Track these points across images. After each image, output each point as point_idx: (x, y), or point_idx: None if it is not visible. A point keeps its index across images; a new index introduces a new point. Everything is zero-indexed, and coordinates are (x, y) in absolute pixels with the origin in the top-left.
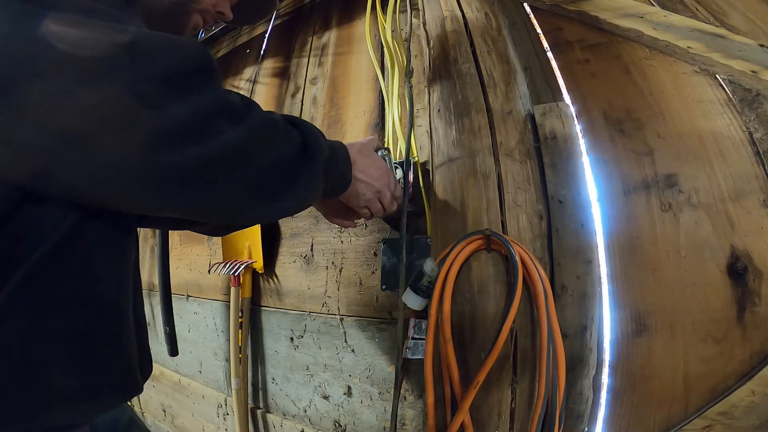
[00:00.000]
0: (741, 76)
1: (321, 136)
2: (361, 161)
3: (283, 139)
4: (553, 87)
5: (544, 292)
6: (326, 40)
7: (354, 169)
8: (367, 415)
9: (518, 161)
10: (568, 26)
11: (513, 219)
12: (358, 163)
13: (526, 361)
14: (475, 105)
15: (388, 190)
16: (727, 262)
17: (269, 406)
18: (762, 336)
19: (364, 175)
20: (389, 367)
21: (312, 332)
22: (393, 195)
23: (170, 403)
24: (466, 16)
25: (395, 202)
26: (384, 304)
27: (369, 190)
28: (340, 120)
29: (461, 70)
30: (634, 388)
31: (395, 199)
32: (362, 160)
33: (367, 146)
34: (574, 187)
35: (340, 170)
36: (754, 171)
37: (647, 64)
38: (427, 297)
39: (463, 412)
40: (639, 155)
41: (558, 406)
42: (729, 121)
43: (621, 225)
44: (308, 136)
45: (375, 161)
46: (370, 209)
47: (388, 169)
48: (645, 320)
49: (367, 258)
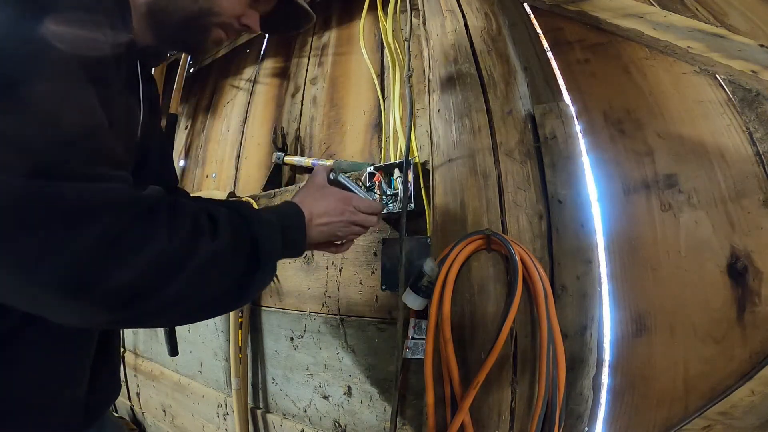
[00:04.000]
0: (741, 76)
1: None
2: (318, 206)
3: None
4: (553, 87)
5: (544, 292)
6: (326, 40)
7: (313, 220)
8: (367, 415)
9: (518, 161)
10: (568, 26)
11: (513, 219)
12: (315, 209)
13: (526, 361)
14: (475, 105)
15: (357, 213)
16: (727, 262)
17: (269, 406)
18: (762, 336)
19: (325, 217)
20: (389, 367)
21: (312, 332)
22: (365, 212)
23: (170, 403)
24: (466, 16)
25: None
26: (384, 304)
27: (337, 227)
28: (340, 120)
29: (461, 70)
30: (634, 388)
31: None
32: (318, 204)
33: (317, 184)
34: (574, 187)
35: (295, 246)
36: (754, 171)
37: (647, 64)
38: (427, 297)
39: (463, 412)
40: (639, 155)
41: (558, 406)
42: (729, 121)
43: (621, 225)
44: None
45: (330, 196)
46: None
47: (346, 194)
48: (645, 320)
49: (367, 258)
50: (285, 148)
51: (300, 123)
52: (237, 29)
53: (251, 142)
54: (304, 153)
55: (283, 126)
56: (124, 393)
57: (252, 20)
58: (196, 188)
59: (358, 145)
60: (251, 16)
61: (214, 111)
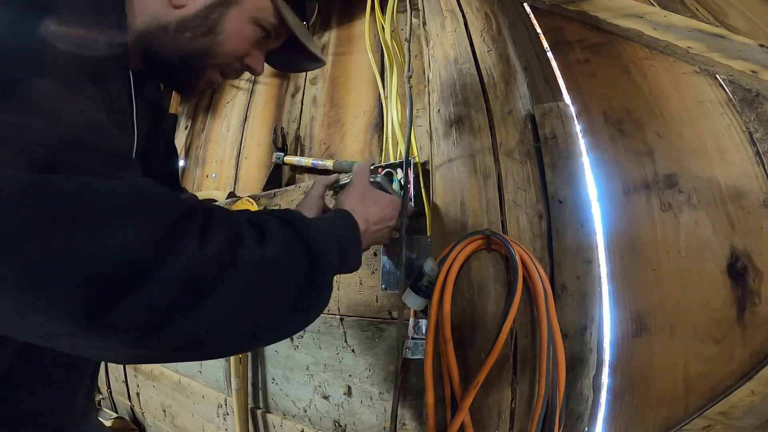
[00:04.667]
0: (741, 76)
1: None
2: (371, 213)
3: (284, 278)
4: (553, 87)
5: (544, 292)
6: (326, 40)
7: (369, 227)
8: (367, 415)
9: (518, 161)
10: (568, 26)
11: (513, 219)
12: (370, 217)
13: (526, 361)
14: (475, 105)
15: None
16: (727, 262)
17: (269, 406)
18: (762, 336)
19: (378, 225)
20: (389, 367)
21: (312, 332)
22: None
23: (170, 403)
24: (466, 16)
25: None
26: (384, 304)
27: (387, 232)
28: (340, 120)
29: (461, 70)
30: (634, 388)
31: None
32: (371, 211)
33: (364, 187)
34: (574, 187)
35: (353, 260)
36: (754, 171)
37: (647, 64)
38: (427, 297)
39: (463, 412)
40: (639, 155)
41: (558, 406)
42: (729, 121)
43: (621, 225)
44: (314, 251)
45: (380, 201)
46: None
47: (393, 199)
48: (645, 320)
49: (367, 258)
50: (285, 148)
51: (300, 123)
52: (238, 70)
53: (251, 142)
54: (304, 153)
55: (283, 126)
56: (124, 393)
57: (256, 61)
58: (196, 188)
59: (358, 145)
60: (255, 57)
61: (214, 111)
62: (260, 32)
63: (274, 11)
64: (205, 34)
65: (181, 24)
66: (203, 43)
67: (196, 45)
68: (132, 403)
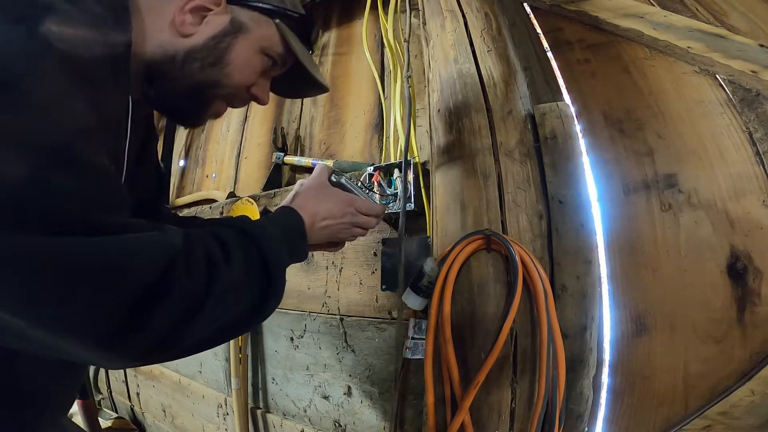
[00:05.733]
0: (741, 76)
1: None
2: (320, 209)
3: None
4: (553, 87)
5: (544, 292)
6: (326, 40)
7: (315, 223)
8: (367, 415)
9: (518, 161)
10: (568, 26)
11: (513, 219)
12: (318, 212)
13: (526, 361)
14: (475, 105)
15: (358, 216)
16: (727, 262)
17: (269, 406)
18: (762, 336)
19: (327, 220)
20: (389, 367)
21: (312, 332)
22: (367, 214)
23: (170, 403)
24: (466, 16)
25: (372, 218)
26: (384, 304)
27: (339, 229)
28: (340, 120)
29: (461, 70)
30: (634, 388)
31: (373, 216)
32: (320, 206)
33: (320, 186)
34: (574, 187)
35: (300, 252)
36: (754, 171)
37: (647, 64)
38: (427, 297)
39: (463, 412)
40: (639, 155)
41: (558, 406)
42: (729, 121)
43: (621, 225)
44: (266, 253)
45: (332, 198)
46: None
47: (348, 195)
48: (645, 320)
49: (367, 258)
50: (285, 148)
51: (300, 123)
52: (245, 99)
53: (251, 142)
54: (304, 153)
55: (283, 126)
56: (124, 393)
57: (263, 90)
58: (196, 188)
59: (358, 145)
60: (261, 86)
61: None
62: (267, 61)
63: (281, 40)
64: (213, 64)
65: (188, 54)
66: (211, 74)
67: (203, 76)
68: (132, 403)
